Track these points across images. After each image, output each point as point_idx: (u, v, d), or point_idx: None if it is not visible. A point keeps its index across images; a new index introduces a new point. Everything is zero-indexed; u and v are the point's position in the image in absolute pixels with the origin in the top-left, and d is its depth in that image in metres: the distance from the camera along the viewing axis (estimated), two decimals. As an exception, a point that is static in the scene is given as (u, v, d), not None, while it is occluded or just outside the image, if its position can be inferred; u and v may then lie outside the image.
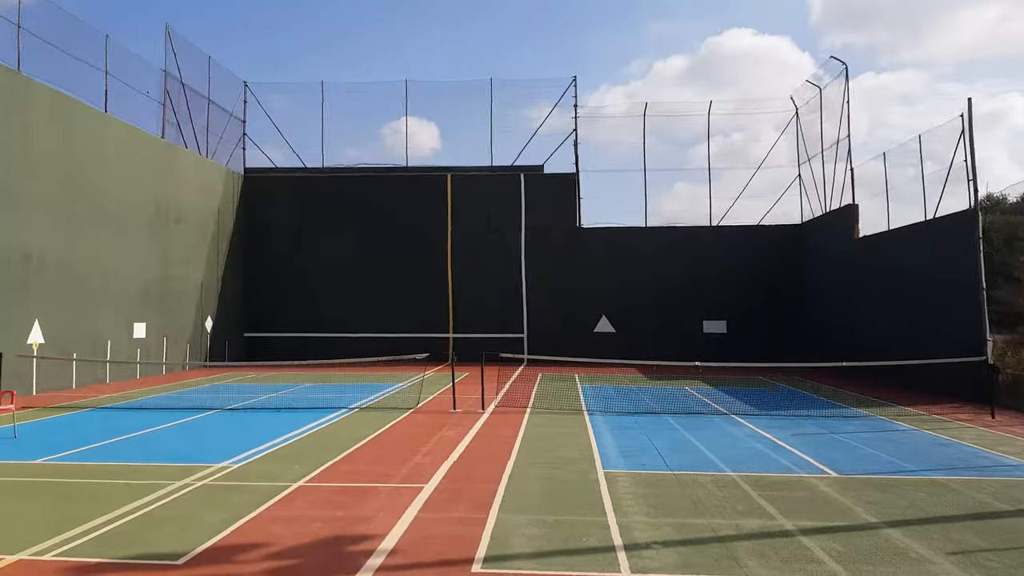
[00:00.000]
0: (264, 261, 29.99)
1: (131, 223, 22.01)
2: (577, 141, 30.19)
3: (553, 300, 29.23)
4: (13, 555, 5.74)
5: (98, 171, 20.42)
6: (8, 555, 5.73)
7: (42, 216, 18.08)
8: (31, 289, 17.61)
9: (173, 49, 25.56)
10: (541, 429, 12.30)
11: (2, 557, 5.68)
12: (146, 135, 23.19)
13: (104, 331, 20.51)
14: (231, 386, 19.75)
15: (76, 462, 9.54)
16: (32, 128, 17.84)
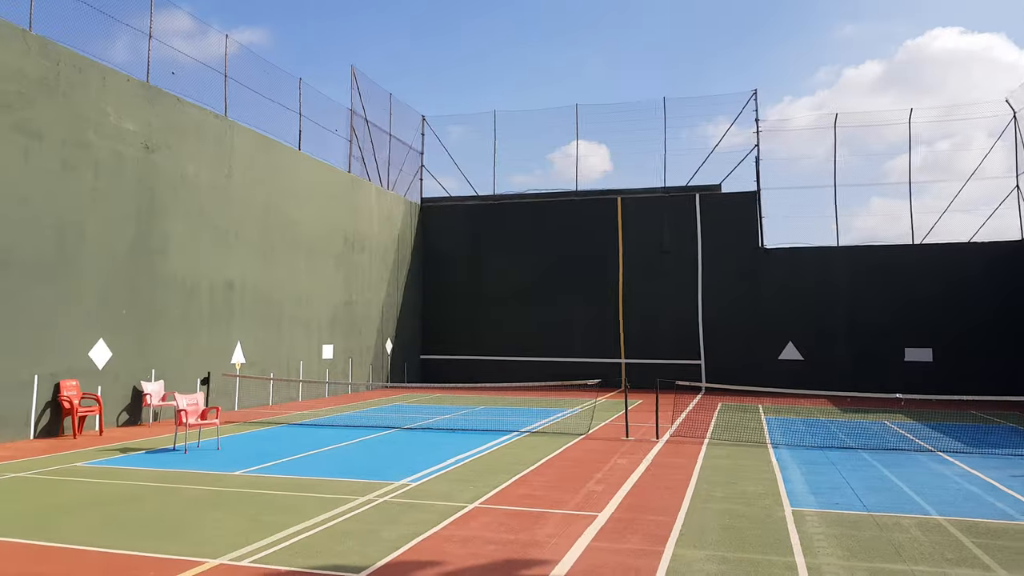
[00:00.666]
0: (440, 286, 31.40)
1: (321, 252, 23.92)
2: (759, 157, 28.99)
3: (733, 325, 28.06)
4: (215, 559, 6.28)
5: (292, 205, 22.42)
6: (211, 559, 6.28)
7: (244, 247, 20.10)
8: (234, 314, 19.58)
9: (358, 88, 27.66)
10: (721, 461, 11.74)
11: (205, 561, 6.23)
12: (334, 170, 25.19)
13: (297, 352, 22.35)
14: (409, 406, 20.72)
15: (271, 475, 10.36)
16: (236, 168, 19.95)
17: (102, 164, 15.49)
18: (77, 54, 15.11)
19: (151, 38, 17.52)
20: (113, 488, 9.33)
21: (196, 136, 18.44)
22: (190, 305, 17.89)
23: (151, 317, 16.61)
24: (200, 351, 18.14)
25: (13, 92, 13.61)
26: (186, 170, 17.98)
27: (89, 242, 15.04)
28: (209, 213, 18.74)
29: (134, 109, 16.47)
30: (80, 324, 14.73)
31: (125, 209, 16.03)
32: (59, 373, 14.18)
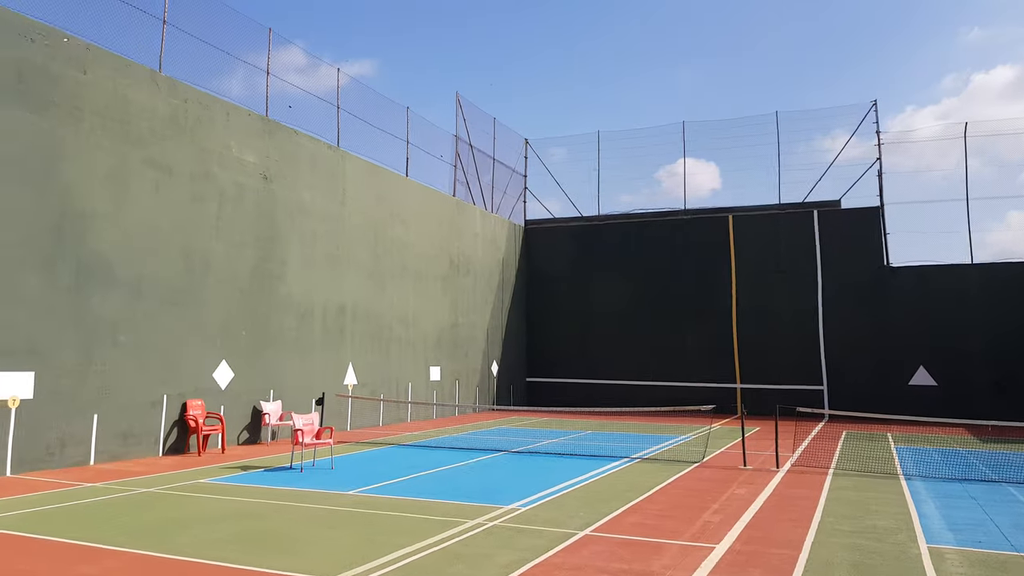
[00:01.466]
0: (544, 308, 31.48)
1: (428, 275, 24.51)
2: (881, 171, 27.61)
3: (857, 348, 26.65)
4: None
5: (401, 229, 23.13)
6: None
7: (355, 271, 20.86)
8: (346, 336, 20.30)
9: (462, 114, 28.34)
10: (848, 493, 11.10)
11: (324, 576, 6.43)
12: (440, 194, 25.83)
13: (405, 374, 22.91)
14: (516, 429, 20.78)
15: (382, 495, 10.60)
16: (348, 195, 20.79)
17: (225, 194, 16.51)
18: (202, 92, 16.23)
19: (268, 74, 18.61)
20: (234, 504, 9.80)
21: (310, 166, 19.37)
22: (305, 327, 18.70)
23: (269, 339, 17.47)
24: (314, 372, 18.91)
25: (146, 129, 14.74)
26: (302, 198, 18.90)
27: (213, 268, 16.02)
28: (323, 238, 19.59)
29: (254, 142, 17.50)
30: (205, 346, 15.67)
31: (246, 236, 17.00)
32: (186, 393, 15.10)
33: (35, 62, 12.78)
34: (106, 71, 14.03)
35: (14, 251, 12.17)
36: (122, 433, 13.75)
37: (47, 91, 12.93)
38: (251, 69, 18.38)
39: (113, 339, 13.69)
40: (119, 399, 13.71)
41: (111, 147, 13.99)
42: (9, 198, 12.17)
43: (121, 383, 13.76)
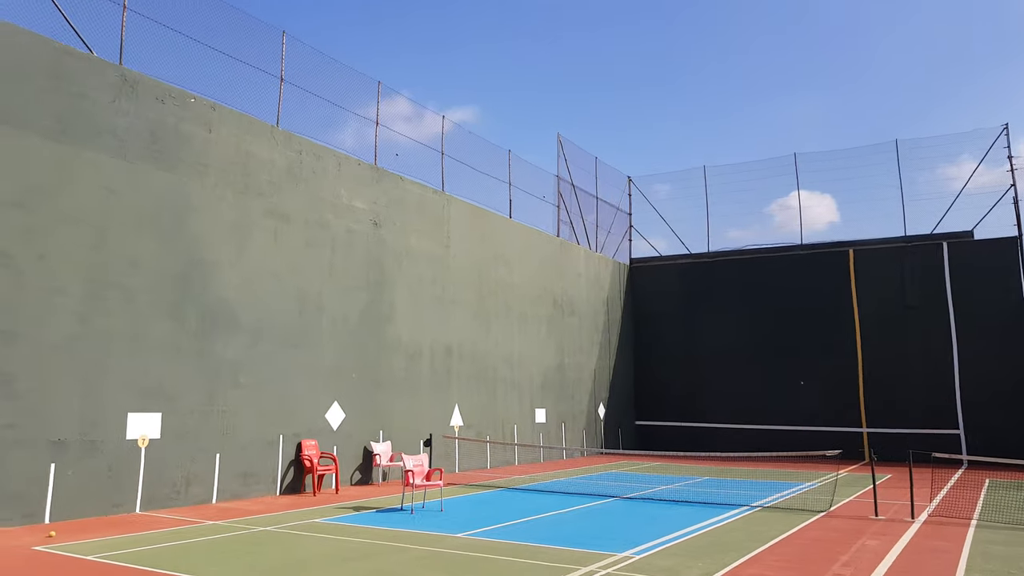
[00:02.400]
0: (653, 349, 30.90)
1: (532, 316, 24.61)
2: (1017, 198, 25.81)
3: (998, 389, 24.66)
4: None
5: (505, 271, 23.40)
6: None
7: (461, 313, 21.20)
8: (452, 377, 20.57)
9: (564, 155, 28.60)
10: (995, 547, 10.17)
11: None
12: (544, 235, 26.03)
13: (511, 416, 22.93)
14: (626, 474, 20.32)
15: (492, 539, 10.54)
16: (453, 238, 21.27)
17: (337, 240, 17.22)
18: (316, 143, 17.11)
19: (377, 124, 19.43)
20: (349, 545, 9.99)
21: (417, 211, 19.97)
22: (413, 368, 19.09)
23: (379, 380, 17.93)
24: (422, 413, 19.22)
25: (265, 181, 15.64)
26: (409, 242, 19.47)
27: (327, 311, 16.67)
28: (429, 281, 20.07)
29: (363, 189, 18.24)
30: (318, 387, 16.24)
31: (356, 280, 17.63)
32: (300, 433, 15.65)
33: (167, 123, 13.85)
34: (230, 128, 15.03)
35: (145, 297, 13.07)
36: (242, 472, 14.36)
37: (177, 149, 13.96)
38: (360, 120, 19.27)
39: (234, 381, 14.40)
40: (239, 439, 14.36)
41: (234, 199, 14.91)
42: (143, 249, 13.13)
43: (241, 424, 14.43)
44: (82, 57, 12.71)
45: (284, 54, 16.80)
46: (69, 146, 12.27)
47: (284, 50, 16.82)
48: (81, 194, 12.36)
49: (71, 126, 12.34)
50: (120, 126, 13.08)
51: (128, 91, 13.29)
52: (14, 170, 11.53)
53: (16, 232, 11.45)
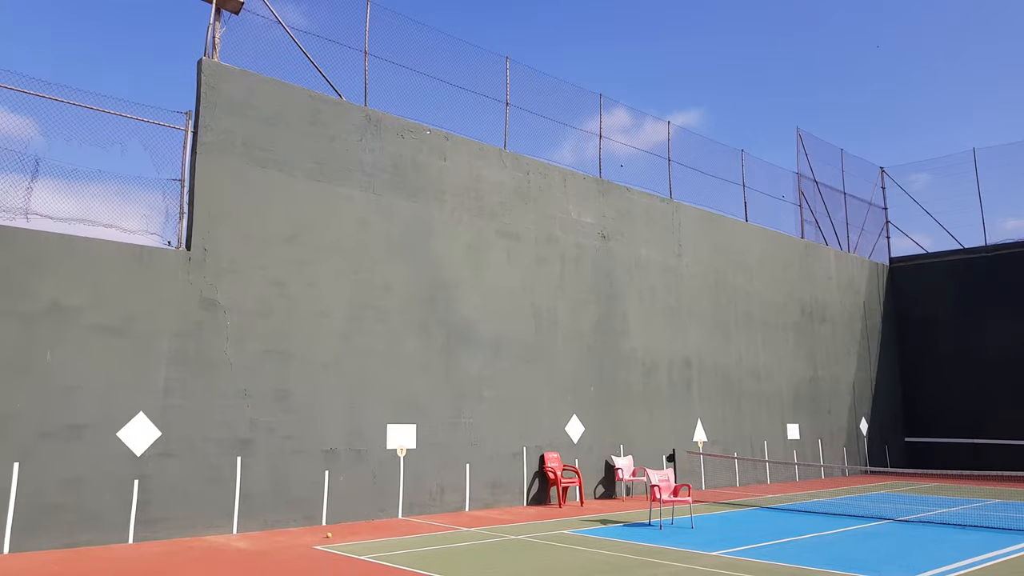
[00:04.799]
0: (923, 358, 27.62)
1: (777, 325, 23.08)
2: None
3: None
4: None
5: (743, 278, 22.22)
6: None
7: (698, 323, 20.40)
8: (692, 391, 19.80)
9: (804, 149, 26.73)
10: None
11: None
12: (785, 237, 24.42)
13: (760, 431, 21.57)
14: (898, 495, 18.19)
15: (751, 558, 9.82)
16: (685, 246, 20.60)
17: (567, 256, 17.39)
18: (541, 162, 17.47)
19: (601, 137, 19.46)
20: (600, 557, 9.82)
21: (645, 221, 19.64)
22: (651, 382, 18.66)
23: (616, 394, 17.73)
24: (663, 427, 18.68)
25: (496, 203, 16.22)
26: (639, 253, 19.18)
27: (560, 326, 16.85)
28: (662, 292, 19.58)
29: (590, 203, 18.29)
30: (556, 400, 16.40)
31: (587, 294, 17.66)
32: (543, 446, 15.87)
33: (406, 155, 14.88)
34: (462, 155, 15.82)
35: (397, 317, 14.04)
36: (491, 482, 14.84)
37: (416, 179, 14.93)
38: (583, 134, 19.43)
39: (479, 395, 14.97)
40: (486, 450, 14.87)
41: (469, 222, 15.62)
42: (393, 273, 14.15)
43: (487, 435, 14.94)
44: (333, 102, 14.06)
45: (508, 79, 17.43)
46: (327, 184, 13.59)
47: (508, 75, 17.45)
48: (340, 226, 13.61)
49: (327, 166, 13.67)
50: (367, 162, 14.26)
51: (373, 130, 14.48)
52: (286, 209, 12.97)
53: (290, 263, 12.85)
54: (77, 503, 10.21)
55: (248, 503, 11.72)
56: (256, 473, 11.89)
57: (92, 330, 10.73)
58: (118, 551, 9.98)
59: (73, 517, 10.15)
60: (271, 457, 12.09)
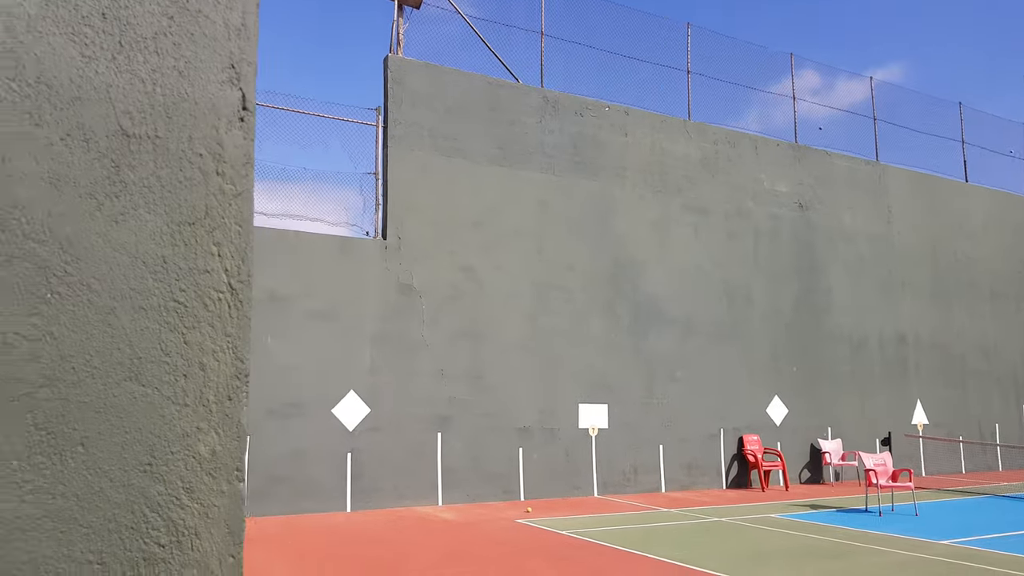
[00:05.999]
0: None
1: (1007, 295, 20.56)
2: None
3: None
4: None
5: (966, 244, 19.99)
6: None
7: (912, 295, 18.61)
8: (908, 369, 18.10)
9: (1032, 96, 23.57)
10: None
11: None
12: (1017, 198, 21.68)
13: (990, 413, 19.34)
14: None
15: (986, 548, 8.79)
16: (894, 211, 18.85)
17: (760, 228, 16.50)
18: (729, 130, 16.68)
19: (795, 99, 18.26)
20: (812, 542, 9.22)
21: (847, 186, 18.19)
22: (860, 360, 17.29)
23: (820, 374, 16.60)
24: (874, 409, 17.24)
25: (682, 176, 15.71)
26: (841, 222, 17.81)
27: (756, 303, 16.02)
28: (870, 262, 18.06)
29: (784, 171, 17.22)
30: (754, 381, 15.62)
31: (785, 268, 16.65)
32: (741, 428, 15.19)
33: (586, 134, 14.78)
34: (644, 130, 15.47)
35: (582, 297, 14.01)
36: (686, 464, 14.44)
37: (597, 157, 14.79)
38: (769, 99, 18.35)
39: (670, 375, 14.60)
40: (680, 432, 14.47)
41: (653, 198, 15.26)
42: (575, 253, 14.13)
43: (681, 416, 14.54)
44: (511, 87, 14.26)
45: (689, 46, 16.81)
46: (509, 168, 13.82)
47: (689, 42, 16.84)
48: (522, 209, 13.79)
49: (509, 150, 13.89)
50: (547, 143, 14.32)
51: (551, 110, 14.52)
52: (471, 195, 13.35)
53: (477, 248, 13.22)
54: (300, 474, 11.13)
55: (450, 477, 12.22)
56: (456, 448, 12.37)
57: (305, 316, 11.63)
58: (340, 518, 10.76)
59: (297, 487, 11.08)
60: (469, 433, 12.52)
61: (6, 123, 1.09)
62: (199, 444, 1.15)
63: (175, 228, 1.17)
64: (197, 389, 1.15)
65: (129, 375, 1.12)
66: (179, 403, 1.14)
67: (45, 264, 1.09)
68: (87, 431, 1.08)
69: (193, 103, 1.22)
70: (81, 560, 1.05)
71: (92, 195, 1.13)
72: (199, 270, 1.18)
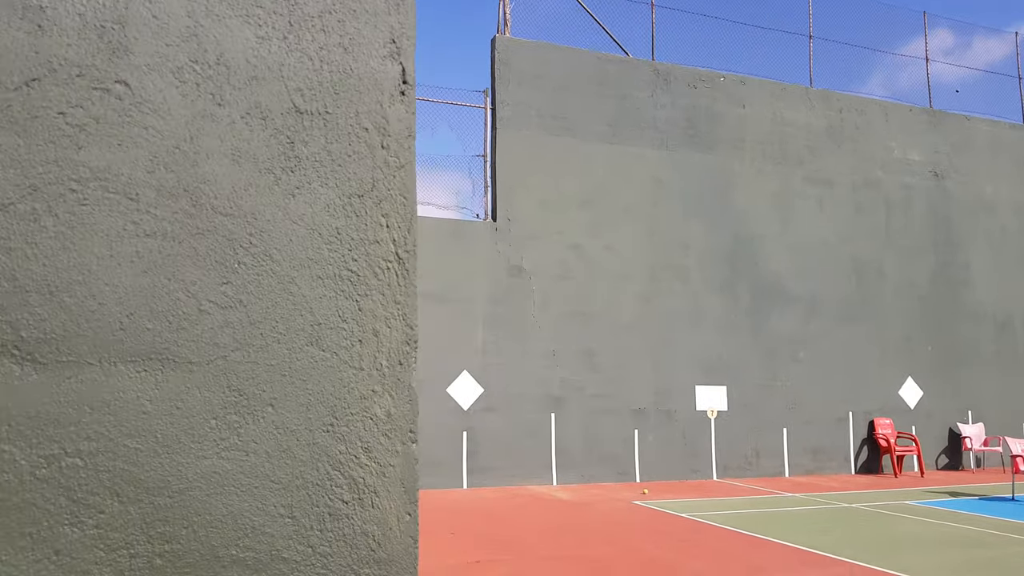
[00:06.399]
0: None
1: None
2: None
3: None
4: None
5: None
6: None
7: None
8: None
9: None
10: None
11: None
12: None
13: None
14: None
15: None
16: (1046, 176, 17.42)
17: (892, 200, 15.61)
18: (855, 96, 15.82)
19: (928, 60, 17.11)
20: (952, 530, 8.74)
21: (990, 152, 16.91)
22: (1005, 340, 16.14)
23: (959, 354, 15.60)
24: (1020, 392, 16.07)
25: (803, 147, 15.05)
26: (982, 191, 16.61)
27: (888, 279, 15.21)
28: (1015, 235, 16.78)
29: (918, 138, 16.19)
30: (886, 362, 14.86)
31: (920, 241, 15.71)
32: (872, 411, 14.51)
33: (700, 107, 14.38)
34: (762, 99, 14.90)
35: (698, 276, 13.71)
36: (811, 448, 13.94)
37: (712, 130, 14.38)
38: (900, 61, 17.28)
39: (792, 355, 14.10)
40: (804, 415, 13.98)
41: (773, 170, 14.70)
42: (690, 230, 13.82)
43: (805, 399, 14.03)
44: (620, 61, 14.04)
45: (811, 8, 16.01)
46: (619, 145, 13.64)
47: (811, 4, 16.04)
48: (634, 187, 13.60)
49: (618, 126, 13.70)
50: (659, 118, 14.04)
51: (662, 84, 14.21)
52: (580, 174, 13.27)
53: (586, 227, 13.15)
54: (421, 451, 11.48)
55: (564, 457, 12.30)
56: (569, 429, 12.42)
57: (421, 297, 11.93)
58: (459, 494, 11.06)
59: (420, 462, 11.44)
60: (582, 414, 12.55)
61: (192, 104, 1.18)
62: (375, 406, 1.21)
63: (346, 200, 1.23)
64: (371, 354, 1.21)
65: (310, 340, 1.18)
66: (356, 367, 1.20)
67: (232, 236, 1.16)
68: (275, 393, 1.15)
69: (358, 79, 1.27)
70: (274, 514, 1.13)
71: (270, 170, 1.20)
72: (370, 240, 1.23)
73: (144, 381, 1.09)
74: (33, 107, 1.08)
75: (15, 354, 1.03)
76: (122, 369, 1.08)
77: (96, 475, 1.05)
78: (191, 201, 1.15)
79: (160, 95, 1.16)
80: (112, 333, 1.08)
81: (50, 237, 1.06)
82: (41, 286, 1.05)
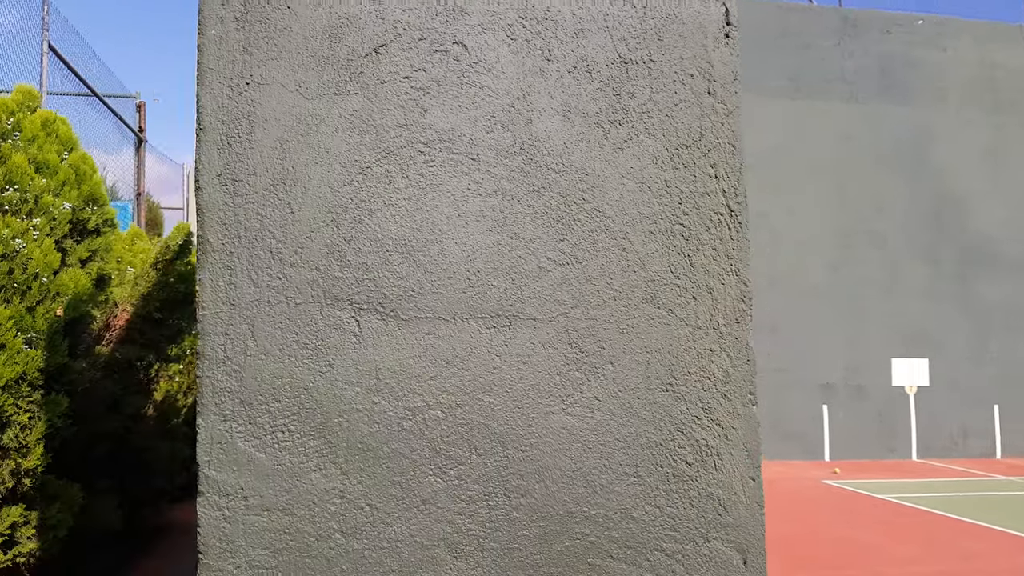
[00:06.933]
0: None
1: None
2: None
3: None
4: None
5: None
6: None
7: None
8: None
9: None
10: None
11: None
12: None
13: None
14: None
15: None
16: None
17: None
18: (1084, 31, 14.03)
19: None
20: None
21: None
22: None
23: None
24: None
25: (1018, 92, 13.56)
26: None
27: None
28: None
29: None
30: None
31: None
32: (1103, 390, 13.01)
33: (894, 54, 13.28)
34: (967, 42, 13.55)
35: (895, 240, 12.76)
36: (1029, 429, 12.76)
37: (909, 79, 13.26)
38: None
39: (1007, 324, 12.87)
40: (1020, 391, 12.75)
41: (983, 120, 13.39)
42: (886, 191, 12.86)
43: (1021, 374, 12.79)
44: (803, 9, 13.23)
45: (1027, -66, 14.32)
46: (803, 100, 12.89)
47: (1026, -70, 14.34)
48: (820, 145, 12.82)
49: (802, 80, 12.94)
50: (847, 69, 13.12)
51: (851, 31, 13.25)
52: (762, 132, 12.60)
53: (769, 191, 12.51)
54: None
55: (746, 434, 11.95)
56: (752, 404, 12.04)
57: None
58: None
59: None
60: (764, 389, 11.82)
61: (523, 61, 1.18)
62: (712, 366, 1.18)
63: (673, 151, 1.20)
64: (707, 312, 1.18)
65: (645, 297, 1.17)
66: (692, 325, 1.18)
67: (566, 193, 1.17)
68: (614, 350, 1.15)
69: (681, 23, 1.23)
70: (620, 472, 1.14)
71: (599, 124, 1.19)
72: (699, 192, 1.20)
73: (494, 337, 1.12)
74: (381, 72, 1.12)
75: (380, 310, 1.08)
76: (473, 325, 1.11)
77: (455, 427, 1.09)
78: (526, 159, 1.16)
79: (493, 54, 1.17)
80: (463, 290, 1.11)
81: (404, 199, 1.11)
82: (400, 245, 1.10)
